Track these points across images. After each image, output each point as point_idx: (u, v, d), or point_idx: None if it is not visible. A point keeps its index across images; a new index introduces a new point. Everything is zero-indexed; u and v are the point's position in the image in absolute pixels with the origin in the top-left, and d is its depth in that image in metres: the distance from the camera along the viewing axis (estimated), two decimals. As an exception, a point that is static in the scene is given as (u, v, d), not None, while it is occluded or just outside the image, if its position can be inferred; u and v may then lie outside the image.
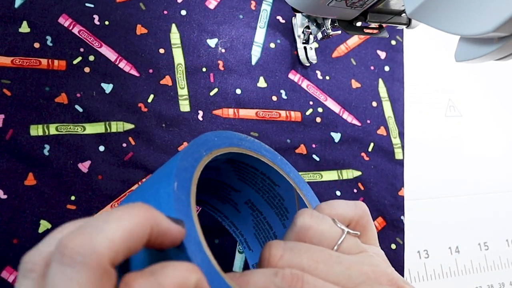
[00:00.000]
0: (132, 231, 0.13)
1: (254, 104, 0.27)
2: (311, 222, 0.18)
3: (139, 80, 0.26)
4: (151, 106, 0.25)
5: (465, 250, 0.33)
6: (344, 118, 0.30)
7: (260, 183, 0.20)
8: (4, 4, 0.24)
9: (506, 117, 0.38)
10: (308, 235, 0.18)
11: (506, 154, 0.37)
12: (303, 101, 0.29)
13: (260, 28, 0.29)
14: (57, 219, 0.23)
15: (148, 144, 0.25)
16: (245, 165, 0.20)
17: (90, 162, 0.24)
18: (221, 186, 0.22)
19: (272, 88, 0.28)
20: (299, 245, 0.18)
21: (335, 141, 0.30)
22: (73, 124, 0.24)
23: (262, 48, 0.29)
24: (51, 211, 0.23)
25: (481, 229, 0.33)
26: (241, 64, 0.28)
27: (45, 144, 0.23)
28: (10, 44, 0.24)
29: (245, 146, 0.19)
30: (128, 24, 0.26)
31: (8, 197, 0.22)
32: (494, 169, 0.36)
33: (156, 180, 0.16)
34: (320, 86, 0.30)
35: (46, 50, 0.24)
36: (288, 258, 0.17)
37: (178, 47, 0.26)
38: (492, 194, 0.35)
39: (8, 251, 0.22)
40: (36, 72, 0.24)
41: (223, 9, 0.28)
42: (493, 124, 0.38)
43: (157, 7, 0.26)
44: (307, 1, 0.22)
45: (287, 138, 0.28)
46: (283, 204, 0.20)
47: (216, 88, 0.27)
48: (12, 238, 0.22)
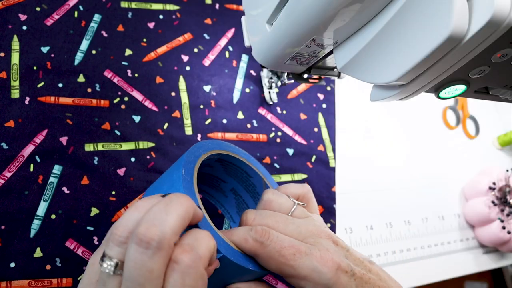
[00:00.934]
0: (184, 217, 0.15)
1: (235, 129, 0.35)
2: (273, 197, 0.22)
3: (158, 114, 0.33)
4: (166, 131, 0.33)
5: (377, 228, 0.40)
6: (296, 139, 0.38)
7: (240, 176, 0.27)
8: (67, 62, 0.31)
9: (403, 138, 0.46)
10: (271, 206, 0.22)
11: (404, 163, 0.45)
12: (268, 128, 0.37)
13: (239, 79, 0.37)
14: (103, 207, 0.29)
15: (164, 156, 0.32)
16: (230, 163, 0.26)
17: (125, 169, 0.31)
18: (213, 178, 0.29)
19: (247, 119, 0.36)
20: (266, 212, 0.22)
21: (289, 154, 0.37)
22: (113, 143, 0.31)
23: (240, 92, 0.37)
24: (99, 201, 0.29)
25: (388, 213, 0.41)
26: (226, 103, 0.36)
27: (95, 157, 0.30)
28: (71, 89, 0.31)
29: (230, 150, 0.25)
30: (151, 76, 0.34)
31: (70, 192, 0.29)
32: (395, 173, 0.44)
33: (170, 170, 0.21)
34: (280, 117, 0.38)
35: (95, 93, 0.31)
36: (258, 220, 0.21)
37: (184, 91, 0.34)
38: (394, 189, 0.42)
39: (70, 228, 0.28)
40: (88, 108, 0.31)
41: (214, 66, 0.36)
42: (395, 142, 0.45)
43: (170, 64, 0.35)
44: (270, 60, 0.25)
45: (257, 152, 0.36)
46: (256, 189, 0.28)
47: (209, 118, 0.35)
48: (73, 219, 0.28)
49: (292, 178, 0.36)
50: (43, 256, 0.27)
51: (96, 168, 0.30)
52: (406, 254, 0.41)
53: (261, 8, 0.23)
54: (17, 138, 0.29)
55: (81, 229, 0.29)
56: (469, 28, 0.15)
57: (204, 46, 0.37)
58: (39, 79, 0.31)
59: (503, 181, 0.47)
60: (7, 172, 0.28)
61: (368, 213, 0.40)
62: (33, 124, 0.29)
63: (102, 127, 0.31)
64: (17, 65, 0.30)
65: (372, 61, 0.19)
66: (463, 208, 0.48)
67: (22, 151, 0.29)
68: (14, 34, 0.31)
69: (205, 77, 0.36)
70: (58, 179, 0.29)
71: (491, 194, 0.46)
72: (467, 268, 0.45)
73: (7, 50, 0.30)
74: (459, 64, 0.17)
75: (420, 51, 0.16)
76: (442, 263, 0.43)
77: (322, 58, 0.25)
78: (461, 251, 0.45)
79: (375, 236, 0.39)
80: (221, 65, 0.37)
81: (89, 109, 0.31)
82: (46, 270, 0.27)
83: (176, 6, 0.37)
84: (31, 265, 0.27)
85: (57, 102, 0.31)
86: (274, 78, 0.35)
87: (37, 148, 0.29)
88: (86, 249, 0.28)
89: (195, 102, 0.35)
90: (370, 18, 0.19)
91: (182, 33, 0.36)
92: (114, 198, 0.30)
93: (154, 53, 0.35)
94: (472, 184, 0.48)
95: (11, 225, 0.27)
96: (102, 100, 0.32)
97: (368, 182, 0.42)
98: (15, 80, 0.30)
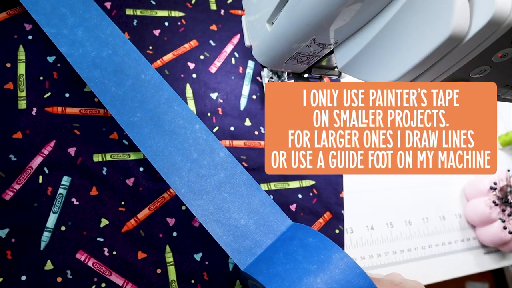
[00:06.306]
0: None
1: (243, 137, 0.35)
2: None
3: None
4: (174, 139, 0.33)
5: (377, 228, 0.39)
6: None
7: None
8: (74, 72, 0.30)
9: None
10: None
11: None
12: (275, 133, 0.38)
13: (246, 85, 0.36)
14: (113, 218, 0.28)
15: (172, 165, 0.33)
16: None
17: (134, 179, 0.30)
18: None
19: (255, 126, 0.35)
20: None
21: (297, 160, 0.38)
22: (121, 153, 0.30)
23: (247, 98, 0.36)
24: (108, 212, 0.29)
25: (388, 213, 0.40)
26: (233, 110, 0.35)
27: (103, 167, 0.29)
28: (78, 99, 0.30)
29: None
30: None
31: (79, 203, 0.28)
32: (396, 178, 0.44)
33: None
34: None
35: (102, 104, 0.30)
36: None
37: (191, 99, 0.34)
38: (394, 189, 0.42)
39: (80, 240, 0.27)
40: (96, 118, 0.30)
41: (221, 73, 0.35)
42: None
43: (176, 72, 0.34)
44: (271, 60, 0.25)
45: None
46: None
47: (217, 126, 0.34)
48: (83, 231, 0.28)
49: (300, 185, 0.36)
50: (54, 268, 0.26)
51: (105, 178, 0.29)
52: (406, 254, 0.40)
53: (262, 8, 0.23)
54: (25, 149, 0.28)
55: (91, 240, 0.28)
56: (470, 28, 0.15)
57: (210, 53, 0.36)
58: (46, 89, 0.29)
59: (504, 181, 0.46)
60: (16, 184, 0.27)
61: (368, 213, 0.39)
62: (41, 135, 0.28)
63: (110, 137, 0.30)
64: (24, 75, 0.29)
65: (372, 60, 0.19)
66: (464, 208, 0.47)
67: (30, 162, 0.28)
68: (20, 44, 0.29)
69: (212, 84, 0.35)
70: (67, 190, 0.28)
71: (492, 194, 0.45)
72: (468, 268, 0.44)
73: (13, 60, 0.29)
74: (459, 64, 0.17)
75: (421, 50, 0.16)
76: (443, 263, 0.42)
77: (323, 57, 0.24)
78: (462, 251, 0.45)
79: (376, 236, 0.39)
80: (228, 72, 0.36)
81: (97, 119, 0.30)
82: (57, 282, 0.26)
83: (181, 12, 0.36)
84: (42, 277, 0.26)
85: (64, 113, 0.30)
86: (274, 78, 0.34)
87: (46, 159, 0.28)
88: (96, 260, 0.27)
89: (203, 110, 0.34)
90: (370, 17, 0.19)
91: (188, 40, 0.35)
92: (124, 208, 0.29)
93: (161, 61, 0.34)
94: (473, 184, 0.47)
95: (21, 238, 0.26)
96: (109, 109, 0.31)
97: (368, 182, 0.41)
98: (22, 91, 0.29)
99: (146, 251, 0.29)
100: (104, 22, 0.27)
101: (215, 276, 0.30)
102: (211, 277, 0.30)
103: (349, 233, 0.37)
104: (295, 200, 0.34)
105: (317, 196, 0.35)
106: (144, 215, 0.30)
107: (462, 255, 0.44)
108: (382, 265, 0.38)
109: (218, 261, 0.31)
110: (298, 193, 0.35)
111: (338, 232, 0.36)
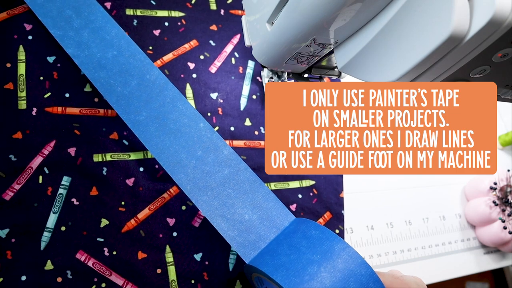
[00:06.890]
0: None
1: (243, 137, 0.34)
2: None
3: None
4: (174, 139, 0.33)
5: (377, 228, 0.39)
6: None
7: None
8: (74, 72, 0.30)
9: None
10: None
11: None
12: (275, 133, 0.38)
13: (246, 85, 0.36)
14: (113, 218, 0.28)
15: (172, 165, 0.33)
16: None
17: (134, 179, 0.30)
18: None
19: (255, 126, 0.35)
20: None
21: (297, 160, 0.38)
22: (121, 153, 0.30)
23: (247, 98, 0.36)
24: (108, 212, 0.28)
25: (388, 213, 0.40)
26: (233, 110, 0.35)
27: (104, 167, 0.29)
28: (78, 99, 0.30)
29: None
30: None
31: (79, 203, 0.28)
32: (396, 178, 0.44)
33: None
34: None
35: (102, 103, 0.30)
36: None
37: (191, 99, 0.33)
38: (394, 189, 0.42)
39: (80, 240, 0.27)
40: (96, 118, 0.30)
41: (221, 73, 0.35)
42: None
43: (176, 72, 0.34)
44: (271, 60, 0.25)
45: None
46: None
47: (217, 126, 0.34)
48: (83, 231, 0.27)
49: (301, 185, 0.35)
50: (54, 268, 0.26)
51: (105, 178, 0.29)
52: (407, 254, 0.40)
53: (262, 8, 0.23)
54: (25, 149, 0.28)
55: (91, 240, 0.28)
56: (470, 28, 0.15)
57: (210, 53, 0.36)
58: (46, 89, 0.29)
59: (505, 181, 0.46)
60: (16, 184, 0.27)
61: (368, 213, 0.39)
62: (41, 135, 0.28)
63: (110, 137, 0.30)
64: (24, 75, 0.29)
65: (372, 60, 0.19)
66: (464, 208, 0.47)
67: (30, 163, 0.28)
68: (20, 44, 0.29)
69: (212, 84, 0.35)
70: (67, 190, 0.28)
71: (492, 194, 0.45)
72: (468, 268, 0.44)
73: (13, 60, 0.29)
74: (460, 64, 0.17)
75: (421, 50, 0.16)
76: (443, 263, 0.42)
77: (323, 57, 0.24)
78: (462, 251, 0.45)
79: (376, 236, 0.39)
80: (228, 72, 0.36)
81: (97, 119, 0.30)
82: (57, 282, 0.26)
83: (181, 12, 0.36)
84: (42, 278, 0.26)
85: (64, 113, 0.29)
86: (274, 78, 0.34)
87: (46, 159, 0.28)
88: (96, 260, 0.27)
89: (203, 110, 0.34)
90: (371, 17, 0.19)
91: (188, 40, 0.35)
92: (124, 208, 0.29)
93: (161, 61, 0.33)
94: (473, 184, 0.47)
95: (22, 238, 0.26)
96: (109, 109, 0.31)
97: (368, 182, 0.41)
98: (22, 91, 0.29)
99: (146, 251, 0.29)
100: (109, 24, 0.27)
101: (215, 276, 0.30)
102: (211, 277, 0.30)
103: (349, 233, 0.37)
104: (295, 200, 0.34)
105: (317, 196, 0.35)
106: (144, 215, 0.30)
107: (462, 255, 0.44)
108: (382, 265, 0.38)
109: (218, 261, 0.30)
110: (298, 193, 0.35)
111: (338, 232, 0.36)
